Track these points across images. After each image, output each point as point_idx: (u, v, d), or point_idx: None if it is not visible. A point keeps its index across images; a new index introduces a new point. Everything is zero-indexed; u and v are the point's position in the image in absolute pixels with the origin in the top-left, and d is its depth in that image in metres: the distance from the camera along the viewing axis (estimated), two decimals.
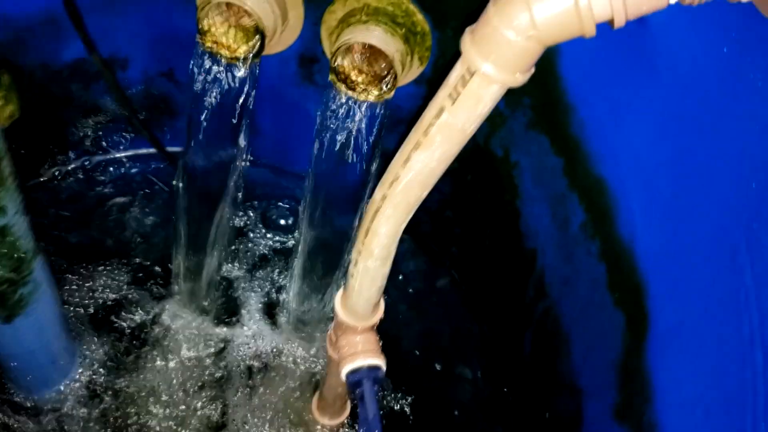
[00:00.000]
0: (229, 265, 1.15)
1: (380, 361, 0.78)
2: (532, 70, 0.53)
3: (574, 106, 0.81)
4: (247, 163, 1.03)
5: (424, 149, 0.58)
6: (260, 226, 1.18)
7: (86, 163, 1.14)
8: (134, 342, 1.09)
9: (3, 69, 0.69)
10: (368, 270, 0.70)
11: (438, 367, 1.13)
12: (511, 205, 0.96)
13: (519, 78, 0.52)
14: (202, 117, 0.93)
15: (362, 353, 0.78)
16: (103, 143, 1.12)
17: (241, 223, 1.18)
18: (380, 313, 0.78)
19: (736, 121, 0.59)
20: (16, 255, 0.77)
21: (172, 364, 1.08)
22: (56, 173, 1.15)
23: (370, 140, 0.92)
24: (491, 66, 0.51)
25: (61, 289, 1.06)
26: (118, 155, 1.15)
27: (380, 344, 0.80)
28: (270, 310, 1.13)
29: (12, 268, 0.79)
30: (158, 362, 1.08)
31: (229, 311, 1.12)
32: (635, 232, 0.74)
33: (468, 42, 0.52)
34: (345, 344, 0.79)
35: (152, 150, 1.10)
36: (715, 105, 0.61)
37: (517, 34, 0.50)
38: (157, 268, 1.12)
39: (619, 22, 0.49)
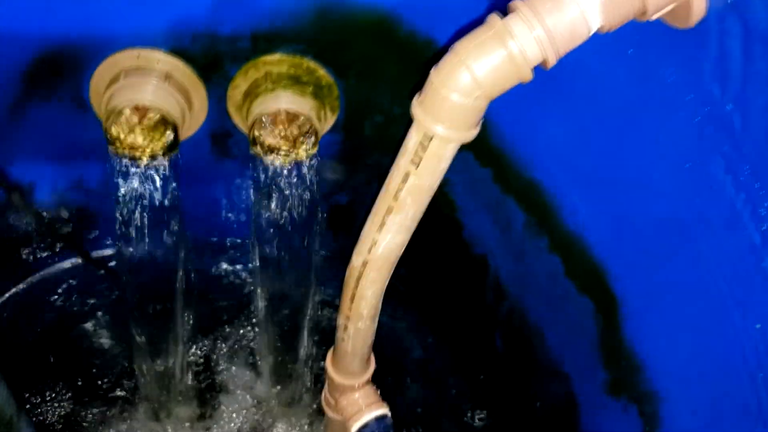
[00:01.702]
0: (194, 350, 1.14)
1: (385, 410, 0.82)
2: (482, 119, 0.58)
3: (490, 120, 0.87)
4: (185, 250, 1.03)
5: (397, 212, 0.62)
6: (214, 303, 1.18)
7: (21, 286, 1.10)
8: None
9: None
10: (359, 331, 0.73)
11: (414, 388, 1.18)
12: (451, 218, 1.02)
13: (473, 132, 0.57)
14: (133, 218, 0.93)
15: (366, 407, 0.81)
16: (32, 264, 1.09)
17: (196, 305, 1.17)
18: (373, 364, 0.82)
19: (650, 110, 0.67)
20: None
21: None
22: None
23: (307, 196, 0.94)
24: (446, 129, 0.56)
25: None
26: (50, 271, 1.11)
27: (378, 392, 0.84)
28: (248, 386, 1.14)
29: None
30: None
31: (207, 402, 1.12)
32: (583, 222, 0.82)
33: (420, 111, 0.57)
34: (347, 404, 0.82)
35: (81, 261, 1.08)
36: (630, 99, 0.68)
37: (464, 96, 0.54)
38: (119, 381, 1.10)
39: (552, 62, 0.55)
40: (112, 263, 1.12)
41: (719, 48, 0.52)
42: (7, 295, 1.09)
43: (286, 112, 0.88)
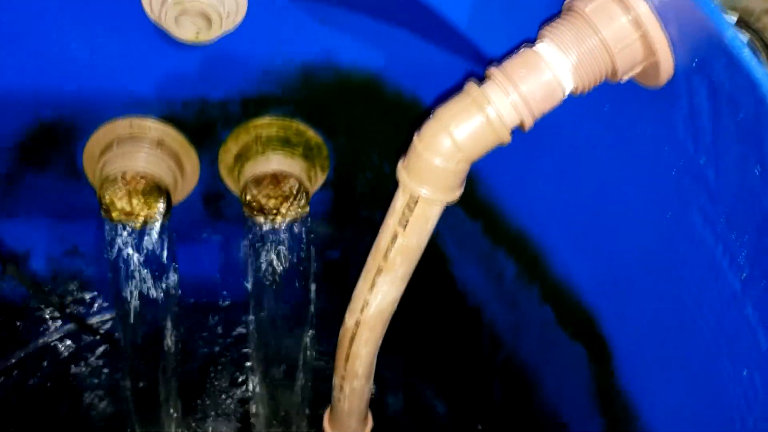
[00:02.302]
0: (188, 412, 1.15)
1: None
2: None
3: (477, 174, 0.90)
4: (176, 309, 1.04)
5: (387, 272, 0.64)
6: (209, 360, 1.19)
7: (21, 354, 1.11)
8: None
9: None
10: (355, 390, 0.74)
11: None
12: (444, 271, 1.04)
13: (457, 193, 0.59)
14: (127, 283, 0.94)
15: None
16: (27, 333, 1.10)
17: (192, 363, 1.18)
18: (371, 422, 0.83)
19: (630, 162, 0.69)
20: None
21: None
22: None
23: (300, 254, 0.96)
24: (431, 192, 0.58)
25: None
26: (45, 339, 1.12)
27: None
28: None
29: None
30: None
31: None
32: (571, 271, 0.83)
33: (405, 174, 0.59)
34: None
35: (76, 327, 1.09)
36: (610, 151, 0.71)
37: (446, 161, 0.57)
38: None
39: (529, 125, 0.57)
40: (107, 327, 1.13)
41: (689, 105, 0.54)
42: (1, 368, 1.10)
43: (276, 174, 0.91)
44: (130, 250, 0.93)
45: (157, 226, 0.91)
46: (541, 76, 0.55)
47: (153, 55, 0.84)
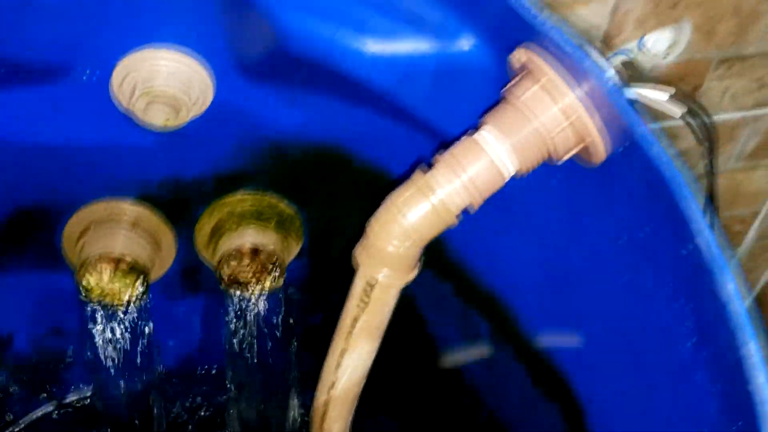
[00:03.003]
0: None
1: None
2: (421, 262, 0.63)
3: (445, 238, 0.92)
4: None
5: (351, 352, 0.67)
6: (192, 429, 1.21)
7: None
8: None
9: None
10: None
11: None
12: (423, 333, 1.06)
13: (413, 274, 0.62)
14: (108, 361, 0.97)
15: None
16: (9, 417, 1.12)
17: None
18: None
19: (582, 230, 0.73)
20: None
21: None
22: None
23: (278, 323, 0.99)
24: (387, 275, 0.61)
25: None
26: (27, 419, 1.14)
27: None
28: None
29: None
30: None
31: None
32: (539, 330, 0.86)
33: (361, 259, 0.62)
34: None
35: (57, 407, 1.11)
36: (563, 220, 0.74)
37: (399, 245, 0.60)
38: None
39: (476, 207, 0.60)
40: (89, 403, 1.15)
41: (623, 185, 0.58)
42: None
43: (250, 248, 0.94)
44: (110, 329, 0.96)
45: (136, 303, 0.94)
46: (483, 162, 0.58)
47: (126, 139, 0.87)
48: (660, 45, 1.15)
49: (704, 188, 0.89)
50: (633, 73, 1.16)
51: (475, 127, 0.61)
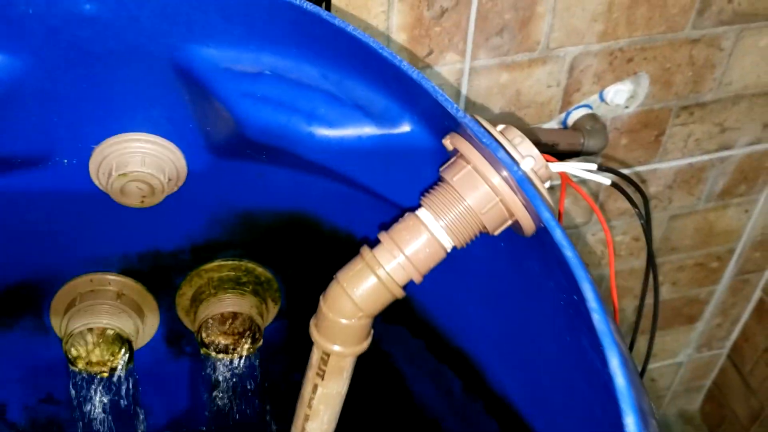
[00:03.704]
0: None
1: None
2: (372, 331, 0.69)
3: (414, 298, 0.98)
4: None
5: (313, 419, 0.71)
6: None
7: None
8: None
9: None
10: None
11: None
12: (402, 386, 1.11)
13: (365, 344, 0.68)
14: (98, 425, 1.02)
15: None
16: None
17: None
18: None
19: (530, 291, 0.78)
20: None
21: None
22: None
23: (257, 383, 1.04)
24: (340, 346, 0.66)
25: None
26: None
27: None
28: None
29: None
30: None
31: None
32: (505, 386, 0.90)
33: (316, 333, 0.67)
34: None
35: None
36: (513, 281, 0.79)
37: (349, 319, 0.65)
38: None
39: (419, 279, 0.66)
40: None
41: (554, 254, 0.63)
42: None
43: (227, 314, 0.99)
44: (98, 395, 1.01)
45: (122, 371, 0.99)
46: (422, 239, 0.64)
47: (106, 217, 0.93)
48: (620, 97, 1.22)
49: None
50: (596, 125, 1.23)
51: (417, 206, 0.66)
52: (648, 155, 1.30)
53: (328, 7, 0.91)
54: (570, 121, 1.22)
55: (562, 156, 1.19)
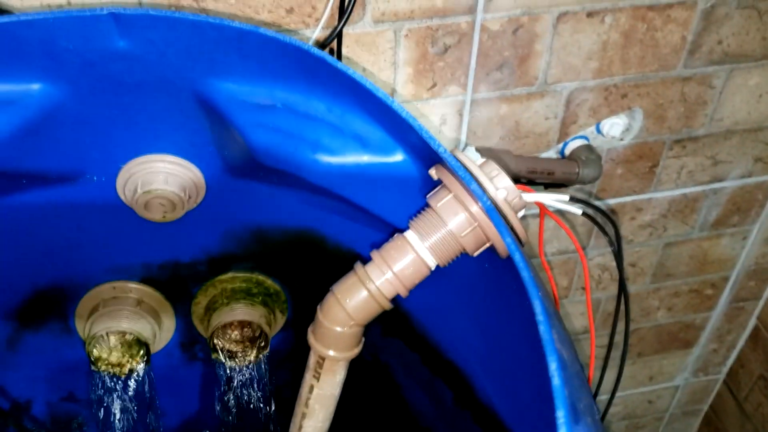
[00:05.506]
0: None
1: None
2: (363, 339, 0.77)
3: (410, 313, 1.06)
4: None
5: (309, 417, 0.80)
6: None
7: None
8: None
9: None
10: None
11: None
12: (398, 396, 1.19)
13: (356, 350, 0.76)
14: (116, 423, 1.11)
15: None
16: None
17: None
18: None
19: (513, 305, 0.86)
20: None
21: None
22: None
23: (265, 388, 1.13)
24: (334, 351, 0.75)
25: None
26: None
27: None
28: None
29: None
30: None
31: None
32: (490, 397, 0.98)
33: (312, 339, 0.76)
34: None
35: None
36: (495, 298, 0.88)
37: (342, 327, 0.74)
38: None
39: (405, 294, 0.75)
40: None
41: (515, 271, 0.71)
42: None
43: (238, 322, 1.09)
44: (116, 395, 1.10)
45: (140, 373, 1.08)
46: (408, 258, 0.73)
47: (130, 230, 1.03)
48: (615, 130, 1.30)
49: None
50: (591, 156, 1.31)
51: (405, 228, 0.75)
52: (643, 185, 1.37)
53: (339, 47, 1.01)
54: (567, 151, 1.30)
55: (559, 184, 1.27)
